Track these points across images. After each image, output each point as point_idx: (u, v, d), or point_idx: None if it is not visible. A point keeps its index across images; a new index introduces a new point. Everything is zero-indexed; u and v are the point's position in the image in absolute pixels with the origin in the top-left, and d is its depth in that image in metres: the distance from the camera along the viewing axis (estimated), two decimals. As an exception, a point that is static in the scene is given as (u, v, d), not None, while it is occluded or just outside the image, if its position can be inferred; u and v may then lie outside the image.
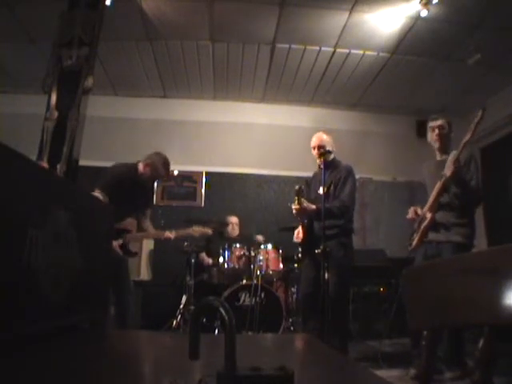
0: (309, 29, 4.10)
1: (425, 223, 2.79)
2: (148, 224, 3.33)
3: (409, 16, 3.84)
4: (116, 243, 2.97)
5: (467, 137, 2.60)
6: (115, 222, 2.92)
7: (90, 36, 2.96)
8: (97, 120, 4.36)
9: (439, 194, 2.74)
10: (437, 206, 2.75)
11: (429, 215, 2.77)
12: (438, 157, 2.90)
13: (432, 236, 2.78)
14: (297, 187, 2.96)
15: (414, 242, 2.85)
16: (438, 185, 2.72)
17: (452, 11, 3.72)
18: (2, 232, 0.70)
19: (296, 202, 2.97)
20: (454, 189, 2.69)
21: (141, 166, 3.11)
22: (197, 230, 3.38)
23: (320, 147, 3.07)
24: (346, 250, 3.00)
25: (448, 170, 2.62)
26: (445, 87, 5.05)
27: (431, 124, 2.90)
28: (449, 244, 2.67)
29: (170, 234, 3.23)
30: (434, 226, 2.76)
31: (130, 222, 3.14)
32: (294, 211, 3.03)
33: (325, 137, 3.15)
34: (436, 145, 2.88)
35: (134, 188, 3.10)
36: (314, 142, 3.14)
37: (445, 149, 2.86)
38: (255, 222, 5.08)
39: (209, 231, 3.49)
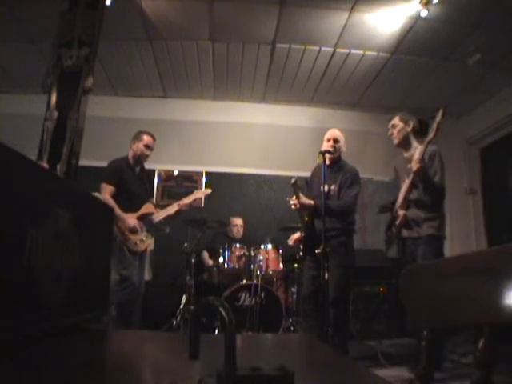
0: (309, 29, 4.10)
1: (397, 221, 2.86)
2: (155, 208, 3.57)
3: (409, 16, 3.84)
4: (133, 221, 3.20)
5: (430, 136, 2.67)
6: (136, 211, 3.27)
7: (90, 36, 2.96)
8: (97, 120, 4.36)
9: (408, 191, 2.81)
10: (407, 203, 2.83)
11: (401, 213, 2.85)
12: (405, 153, 2.99)
13: (406, 233, 2.86)
14: (292, 181, 2.99)
15: (389, 240, 2.95)
16: (407, 182, 2.80)
17: (452, 11, 3.72)
18: (1, 232, 0.70)
19: (294, 197, 2.99)
20: (421, 185, 2.77)
21: (129, 152, 3.43)
22: (200, 192, 3.88)
23: (336, 140, 3.14)
24: (347, 249, 3.01)
25: (413, 167, 2.69)
26: (445, 87, 5.05)
27: (389, 124, 3.03)
28: (421, 239, 2.76)
29: (184, 202, 3.51)
30: (407, 223, 2.83)
31: (148, 207, 3.40)
32: (292, 206, 3.05)
33: (339, 133, 3.24)
34: (394, 142, 2.99)
35: (134, 174, 3.38)
36: (330, 134, 3.20)
37: (405, 145, 2.97)
38: (255, 221, 5.08)
39: (208, 190, 3.90)
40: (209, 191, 3.86)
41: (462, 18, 3.80)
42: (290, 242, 3.41)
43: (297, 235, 3.35)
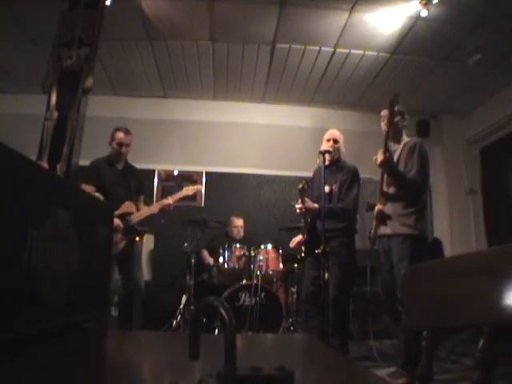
0: (309, 29, 4.10)
1: (375, 215, 2.75)
2: (143, 206, 3.37)
3: (409, 16, 3.84)
4: (120, 229, 3.03)
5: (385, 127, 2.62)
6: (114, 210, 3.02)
7: (90, 36, 2.96)
8: (97, 120, 4.35)
9: (386, 185, 2.70)
10: (385, 198, 2.70)
11: (377, 207, 2.73)
12: (393, 146, 2.84)
13: (382, 230, 2.72)
14: (300, 186, 2.99)
15: (371, 237, 2.81)
16: (381, 174, 2.70)
17: (452, 11, 3.72)
18: (1, 232, 0.70)
19: (300, 200, 2.99)
20: (390, 179, 2.64)
21: (110, 150, 3.31)
22: (190, 189, 3.46)
23: (335, 141, 3.13)
24: (348, 249, 3.01)
25: (378, 159, 2.57)
26: (445, 87, 5.05)
27: (382, 112, 2.88)
28: (396, 237, 2.61)
29: (168, 201, 3.28)
30: (383, 218, 2.70)
31: (127, 205, 3.18)
32: (297, 210, 3.04)
33: (338, 133, 3.22)
34: (383, 129, 2.79)
35: (116, 171, 3.24)
36: (330, 134, 3.19)
37: (396, 137, 2.81)
38: (255, 221, 5.08)
39: (199, 187, 3.62)
40: (199, 187, 3.61)
41: (461, 18, 3.80)
42: (292, 244, 3.35)
43: (298, 238, 3.30)
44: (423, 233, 2.60)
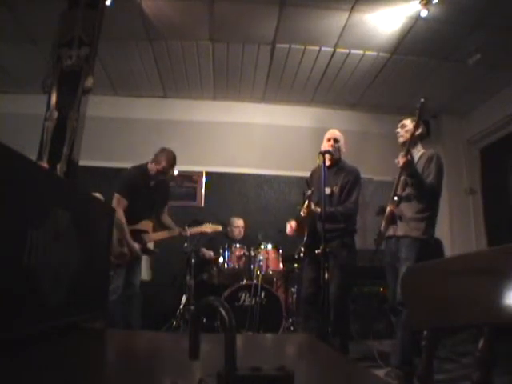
0: (309, 29, 4.10)
1: (385, 215, 2.85)
2: (167, 218, 3.55)
3: (409, 16, 3.84)
4: (137, 245, 3.17)
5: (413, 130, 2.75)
6: (132, 224, 3.18)
7: (90, 36, 2.96)
8: (97, 120, 4.36)
9: (400, 188, 2.80)
10: (398, 199, 2.80)
11: (388, 208, 2.83)
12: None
13: (391, 231, 2.83)
14: (308, 193, 2.98)
15: (377, 238, 2.92)
16: (400, 179, 2.80)
17: (452, 11, 3.72)
18: (1, 232, 0.70)
19: (305, 206, 2.99)
20: (410, 180, 2.75)
21: (149, 165, 3.31)
22: (209, 227, 3.66)
23: (336, 140, 3.14)
24: (349, 250, 3.01)
25: (400, 161, 2.70)
26: (445, 87, 5.05)
27: (399, 123, 3.02)
28: (407, 239, 2.72)
29: (186, 232, 3.47)
30: (394, 219, 2.80)
31: (145, 224, 3.32)
32: (302, 214, 3.04)
33: (339, 133, 3.24)
34: (400, 140, 2.95)
35: (148, 188, 3.31)
36: (330, 134, 3.21)
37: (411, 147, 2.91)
38: (255, 222, 5.08)
39: (219, 228, 3.72)
40: (219, 228, 3.74)
41: (461, 18, 3.80)
42: (289, 232, 3.32)
43: (292, 223, 3.28)
44: (430, 239, 2.75)
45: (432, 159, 2.81)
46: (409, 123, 2.92)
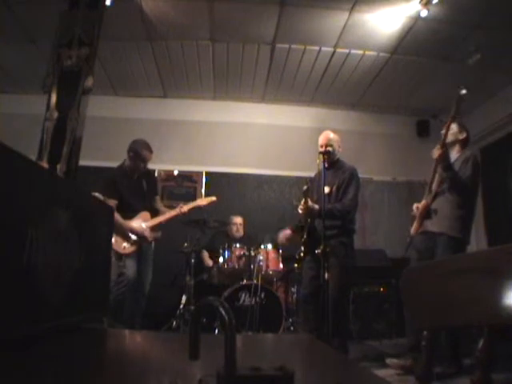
0: (309, 29, 4.10)
1: (419, 210, 2.84)
2: (161, 206, 3.65)
3: (409, 16, 3.84)
4: (136, 223, 3.29)
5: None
6: (130, 218, 3.28)
7: (90, 36, 2.96)
8: (97, 120, 4.36)
9: (432, 181, 2.80)
10: (434, 194, 2.79)
11: (423, 202, 2.83)
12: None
13: (427, 225, 2.81)
14: (304, 188, 3.00)
15: (412, 229, 2.89)
16: (433, 169, 2.80)
17: (452, 11, 3.72)
18: (2, 232, 0.70)
19: (302, 202, 3.00)
20: (444, 174, 2.74)
21: (126, 161, 3.40)
22: (204, 200, 3.72)
23: (327, 145, 3.11)
24: (347, 249, 3.01)
25: (435, 153, 2.73)
26: (445, 87, 5.04)
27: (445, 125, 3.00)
28: (443, 236, 2.70)
29: (183, 210, 3.50)
30: (429, 213, 2.78)
31: (143, 215, 3.39)
32: (300, 211, 3.05)
33: (332, 135, 3.19)
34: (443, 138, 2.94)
35: (132, 181, 3.38)
36: (322, 140, 3.18)
37: (451, 148, 2.94)
38: (255, 221, 5.07)
39: (213, 198, 3.75)
40: (213, 199, 3.75)
41: (461, 18, 3.80)
42: (282, 238, 3.38)
43: (287, 231, 3.32)
44: (466, 237, 2.74)
45: (469, 159, 2.80)
46: (455, 126, 2.94)
